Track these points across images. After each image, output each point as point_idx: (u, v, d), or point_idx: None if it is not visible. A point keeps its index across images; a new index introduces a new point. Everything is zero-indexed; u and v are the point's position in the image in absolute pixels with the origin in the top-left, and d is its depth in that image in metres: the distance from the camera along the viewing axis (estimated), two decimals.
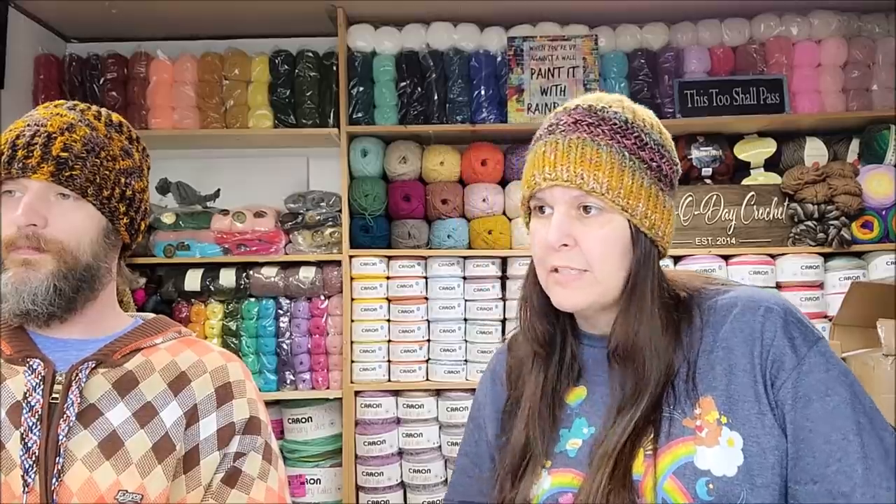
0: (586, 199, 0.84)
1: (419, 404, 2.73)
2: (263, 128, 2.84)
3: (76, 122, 0.95)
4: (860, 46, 2.80)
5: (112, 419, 0.90)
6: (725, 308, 0.86)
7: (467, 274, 2.77)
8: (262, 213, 2.83)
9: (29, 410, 0.87)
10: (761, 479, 0.77)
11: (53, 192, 0.91)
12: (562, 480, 0.86)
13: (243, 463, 0.96)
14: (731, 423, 0.80)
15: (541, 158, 0.86)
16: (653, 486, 0.79)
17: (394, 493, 2.71)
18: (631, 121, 0.86)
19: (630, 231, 0.85)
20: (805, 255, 2.69)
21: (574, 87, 2.80)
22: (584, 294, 0.85)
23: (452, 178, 2.83)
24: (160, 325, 1.04)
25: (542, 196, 0.86)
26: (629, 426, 0.82)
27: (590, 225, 0.84)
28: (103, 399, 0.91)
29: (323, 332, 2.78)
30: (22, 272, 0.89)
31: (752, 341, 0.82)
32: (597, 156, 0.83)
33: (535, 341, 0.93)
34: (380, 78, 2.82)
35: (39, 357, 0.91)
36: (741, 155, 2.84)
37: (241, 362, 1.05)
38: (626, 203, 0.83)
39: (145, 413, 0.92)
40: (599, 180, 0.82)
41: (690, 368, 0.84)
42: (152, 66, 2.86)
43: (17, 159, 0.90)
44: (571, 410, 0.91)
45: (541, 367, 0.92)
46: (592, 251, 0.84)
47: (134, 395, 0.93)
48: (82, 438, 0.88)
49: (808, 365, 0.80)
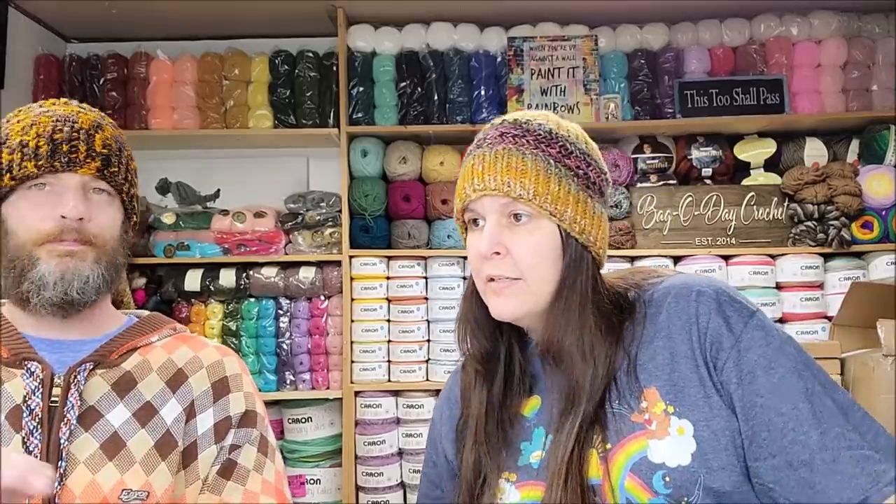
0: (515, 206, 0.85)
1: (419, 404, 2.73)
2: (263, 128, 2.84)
3: (100, 121, 0.96)
4: (860, 47, 2.80)
5: (112, 420, 0.90)
6: (660, 298, 0.86)
7: (467, 274, 2.76)
8: (262, 214, 2.83)
9: (29, 414, 0.87)
10: (717, 462, 0.77)
11: (90, 187, 0.92)
12: (530, 494, 0.86)
13: (238, 455, 0.95)
14: (678, 411, 0.80)
15: (469, 171, 0.88)
16: (615, 485, 0.79)
17: (394, 493, 2.71)
18: (555, 131, 0.88)
19: (560, 237, 0.86)
20: (805, 255, 2.69)
21: (574, 88, 2.80)
22: (517, 302, 0.86)
23: (452, 179, 2.83)
24: (155, 322, 1.03)
25: (474, 207, 0.88)
26: (573, 431, 0.82)
27: (519, 233, 0.86)
28: (103, 401, 0.91)
29: (323, 333, 2.78)
30: (68, 261, 0.89)
31: (689, 326, 0.82)
32: (522, 164, 0.85)
33: (473, 358, 0.94)
34: (380, 78, 2.83)
35: (37, 359, 0.90)
36: (741, 155, 2.84)
37: (237, 356, 1.05)
38: (553, 208, 0.84)
39: (145, 413, 0.92)
40: (526, 187, 0.84)
41: (631, 362, 0.85)
42: (152, 66, 2.86)
43: (62, 153, 0.89)
44: (529, 422, 0.91)
45: (483, 384, 0.92)
46: (523, 259, 0.85)
47: (133, 395, 0.92)
48: (84, 441, 0.88)
49: (746, 341, 0.80)
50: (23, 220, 0.90)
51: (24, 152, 0.89)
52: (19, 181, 0.89)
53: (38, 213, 0.89)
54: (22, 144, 0.90)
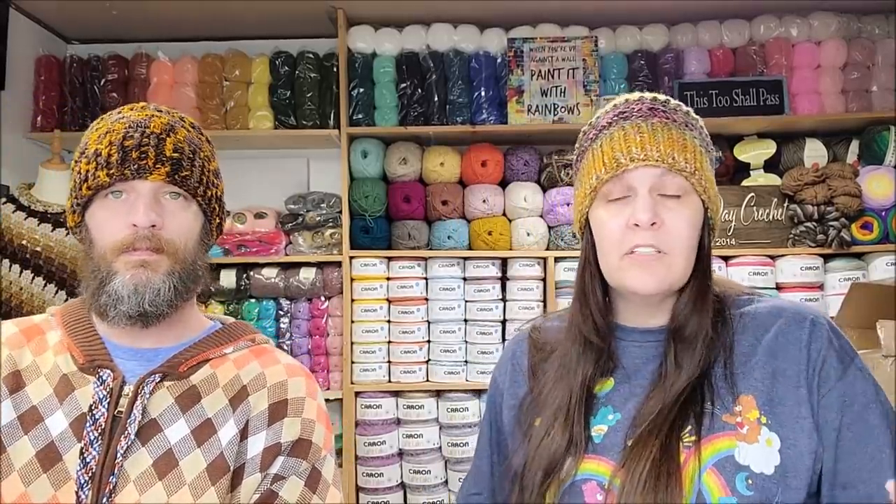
0: (669, 179, 0.84)
1: (419, 405, 2.73)
2: (264, 129, 2.84)
3: (174, 124, 0.93)
4: (860, 48, 2.81)
5: (170, 436, 0.87)
6: (769, 318, 0.87)
7: (467, 275, 2.78)
8: (263, 214, 2.83)
9: (93, 423, 0.85)
10: (795, 482, 0.79)
11: (163, 192, 0.90)
12: (587, 467, 0.86)
13: (281, 487, 0.88)
14: (770, 423, 0.81)
15: (622, 141, 0.85)
16: (693, 476, 0.79)
17: (394, 493, 2.71)
18: (691, 113, 0.89)
19: (704, 217, 0.87)
20: (805, 256, 2.69)
21: (574, 89, 2.80)
22: (660, 277, 0.84)
23: (452, 179, 2.84)
24: (235, 332, 1.00)
25: (627, 178, 0.85)
26: (676, 406, 0.83)
27: (675, 207, 0.85)
28: (165, 414, 0.88)
29: (323, 333, 2.78)
30: (141, 273, 0.87)
31: (799, 351, 0.84)
32: (682, 139, 0.85)
33: (595, 333, 0.92)
34: (380, 79, 2.83)
35: (110, 367, 0.89)
36: (741, 156, 2.84)
37: (309, 378, 0.97)
38: (705, 187, 0.85)
39: (204, 430, 0.88)
40: (689, 161, 0.84)
41: (728, 368, 0.85)
42: (153, 67, 2.87)
43: (131, 160, 0.88)
44: (598, 400, 0.91)
45: (589, 360, 0.91)
46: (679, 231, 0.84)
47: (195, 410, 0.89)
48: (139, 456, 0.85)
49: (851, 377, 0.82)
50: (100, 230, 0.89)
51: (97, 161, 0.88)
52: (95, 190, 0.89)
53: (113, 222, 0.88)
54: (96, 153, 0.89)
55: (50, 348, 0.93)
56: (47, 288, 2.15)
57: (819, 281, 2.70)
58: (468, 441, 2.67)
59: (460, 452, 2.69)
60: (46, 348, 0.93)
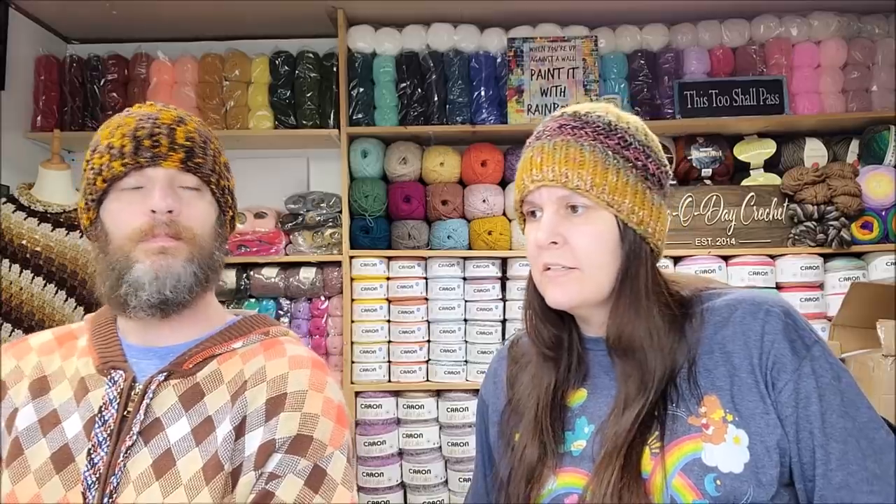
0: (573, 197, 0.86)
1: (419, 405, 2.73)
2: (264, 129, 2.84)
3: (183, 117, 0.94)
4: (860, 47, 2.81)
5: (171, 435, 0.86)
6: (726, 310, 0.87)
7: (467, 275, 2.78)
8: (263, 214, 2.83)
9: (102, 425, 0.85)
10: (766, 478, 0.79)
11: (178, 182, 0.91)
12: (567, 480, 0.87)
13: (277, 486, 0.83)
14: (736, 420, 0.81)
15: (528, 163, 0.90)
16: (661, 483, 0.80)
17: (394, 493, 2.72)
18: (614, 123, 0.89)
19: (618, 228, 0.87)
20: (805, 255, 2.69)
21: (574, 89, 2.80)
22: (573, 291, 0.87)
23: (452, 179, 2.84)
24: (250, 325, 0.98)
25: (532, 199, 0.90)
26: (636, 420, 0.83)
27: (577, 223, 0.87)
28: (168, 413, 0.87)
29: (323, 333, 2.78)
30: (161, 260, 0.87)
31: (753, 344, 0.83)
32: (580, 155, 0.86)
33: (543, 345, 0.95)
34: (380, 79, 2.83)
35: (122, 368, 0.89)
36: (741, 156, 2.84)
37: (318, 369, 0.93)
38: (611, 199, 0.85)
39: (204, 428, 0.86)
40: (583, 177, 0.85)
41: (691, 367, 0.85)
42: (153, 67, 2.87)
43: (145, 148, 0.88)
44: (572, 412, 0.92)
45: (550, 371, 0.94)
46: (580, 248, 0.86)
47: (197, 408, 0.87)
48: (141, 456, 0.85)
49: (807, 367, 0.81)
50: (116, 221, 0.89)
51: (111, 153, 0.89)
52: (110, 182, 0.89)
53: (130, 210, 0.89)
54: (109, 147, 0.90)
55: (77, 352, 0.94)
56: (47, 288, 2.15)
57: (819, 280, 2.70)
58: (468, 441, 2.68)
59: (460, 452, 2.70)
60: (74, 353, 0.94)
